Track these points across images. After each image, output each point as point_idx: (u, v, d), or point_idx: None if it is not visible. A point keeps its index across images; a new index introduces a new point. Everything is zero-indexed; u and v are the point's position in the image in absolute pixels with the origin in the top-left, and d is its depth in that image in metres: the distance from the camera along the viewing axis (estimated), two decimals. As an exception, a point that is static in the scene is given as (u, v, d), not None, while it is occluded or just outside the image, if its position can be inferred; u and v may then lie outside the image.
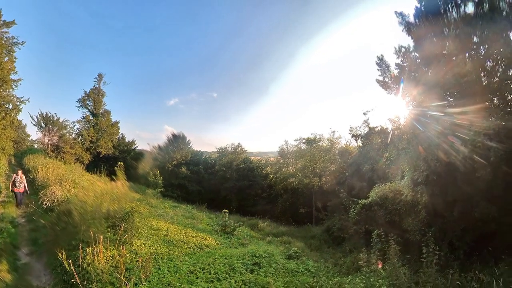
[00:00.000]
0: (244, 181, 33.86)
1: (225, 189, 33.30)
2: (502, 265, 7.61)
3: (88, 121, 38.90)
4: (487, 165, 8.12)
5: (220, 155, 38.05)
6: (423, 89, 10.33)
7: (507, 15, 8.79)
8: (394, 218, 12.78)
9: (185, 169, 34.10)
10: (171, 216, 15.12)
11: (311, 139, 29.63)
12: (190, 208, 21.46)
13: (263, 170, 36.47)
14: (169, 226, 12.83)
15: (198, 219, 17.11)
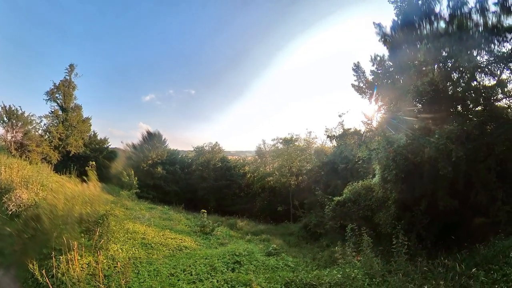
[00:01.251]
0: (222, 180, 33.67)
1: (203, 189, 32.93)
2: (464, 251, 8.50)
3: (57, 116, 34.80)
4: (450, 164, 8.97)
5: (197, 154, 37.48)
6: (395, 95, 11.26)
7: (473, 35, 9.98)
8: (367, 213, 13.59)
9: (161, 169, 33.03)
10: (147, 218, 14.78)
11: (288, 139, 30.27)
12: (167, 210, 21.04)
13: (241, 170, 36.47)
14: (146, 228, 12.57)
15: (176, 220, 16.88)
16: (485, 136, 9.54)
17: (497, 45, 10.21)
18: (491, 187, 9.28)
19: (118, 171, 27.69)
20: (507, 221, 8.86)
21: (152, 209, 19.67)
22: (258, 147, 35.72)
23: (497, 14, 10.01)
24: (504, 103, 10.56)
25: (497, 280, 6.44)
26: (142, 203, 22.10)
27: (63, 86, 35.23)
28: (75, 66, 36.15)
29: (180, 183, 33.93)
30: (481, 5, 10.14)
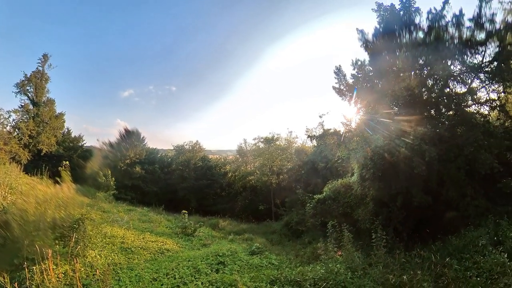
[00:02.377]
0: (203, 180, 33.26)
1: (183, 189, 32.42)
2: (438, 243, 9.17)
3: (27, 111, 31.48)
4: (423, 163, 9.59)
5: (177, 153, 36.89)
6: (374, 98, 11.84)
7: (448, 46, 10.82)
8: (346, 210, 14.05)
9: (139, 168, 32.08)
10: (126, 221, 14.33)
11: (269, 138, 30.58)
12: (147, 211, 20.52)
13: (222, 169, 36.29)
14: (125, 232, 12.17)
15: (156, 222, 16.51)
16: (456, 138, 10.24)
17: (470, 57, 11.06)
18: (461, 184, 9.96)
19: (94, 172, 26.32)
20: (476, 214, 9.56)
21: (131, 211, 19.11)
22: (239, 146, 35.91)
23: (471, 29, 10.85)
24: (473, 109, 11.45)
25: (469, 267, 7.00)
26: (120, 205, 21.36)
27: (35, 77, 31.97)
28: (49, 56, 32.87)
29: (159, 183, 33.23)
30: (457, 20, 10.97)
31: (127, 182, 30.21)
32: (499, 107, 11.29)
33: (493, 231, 8.26)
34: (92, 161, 30.07)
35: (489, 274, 6.50)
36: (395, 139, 10.80)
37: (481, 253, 7.37)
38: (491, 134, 10.49)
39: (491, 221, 8.78)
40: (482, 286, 6.23)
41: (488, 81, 10.98)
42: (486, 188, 10.11)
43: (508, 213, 8.99)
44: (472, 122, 10.50)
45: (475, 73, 10.93)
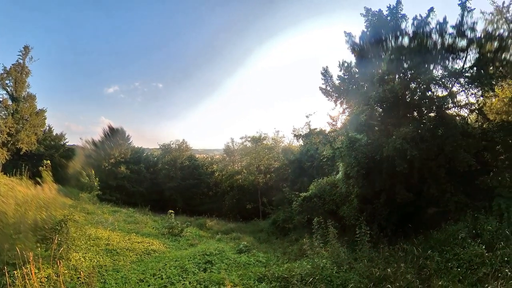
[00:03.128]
0: (189, 179, 32.90)
1: (169, 189, 31.97)
2: (420, 237, 9.54)
3: (6, 107, 29.29)
4: (406, 162, 9.99)
5: (163, 152, 36.23)
6: (359, 99, 12.19)
7: (431, 51, 11.37)
8: (332, 207, 14.39)
9: (124, 168, 31.21)
10: (111, 223, 14.08)
11: (256, 137, 30.58)
12: (132, 212, 20.21)
13: (209, 168, 36.00)
14: (110, 233, 11.99)
15: (142, 223, 16.31)
16: (436, 138, 10.70)
17: (451, 62, 11.63)
18: (441, 182, 10.43)
19: (77, 172, 25.40)
20: (455, 209, 10.06)
21: (115, 212, 18.79)
22: (227, 145, 35.68)
23: (453, 36, 11.36)
24: (453, 111, 12.04)
25: (449, 259, 7.40)
26: (104, 206, 20.88)
27: (14, 71, 29.70)
28: (30, 49, 30.46)
29: (145, 183, 32.56)
30: (440, 27, 11.46)
31: (111, 183, 29.35)
32: (477, 110, 12.06)
33: (472, 225, 8.71)
34: (75, 160, 28.85)
35: (468, 265, 6.90)
36: (378, 138, 11.20)
37: (461, 245, 7.77)
38: (470, 135, 11.09)
39: (469, 216, 9.23)
40: (462, 276, 6.59)
41: (468, 86, 11.61)
42: (464, 185, 10.64)
43: (485, 208, 9.53)
44: (452, 124, 11.02)
45: (455, 77, 11.50)
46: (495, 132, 11.04)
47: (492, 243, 7.44)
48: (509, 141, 10.93)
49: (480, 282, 6.19)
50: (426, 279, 6.75)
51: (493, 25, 12.43)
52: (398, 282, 6.53)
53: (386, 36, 12.14)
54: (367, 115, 11.70)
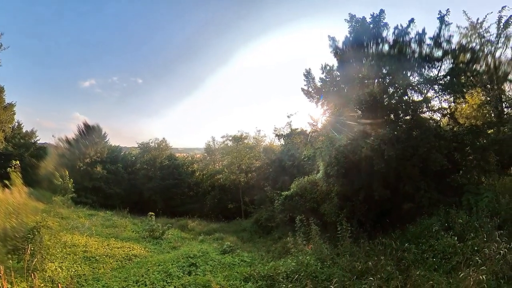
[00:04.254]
0: (170, 179, 32.18)
1: (149, 190, 31.18)
2: (398, 231, 10.21)
3: None
4: (383, 161, 10.55)
5: (142, 151, 35.22)
6: (339, 101, 12.74)
7: (409, 59, 12.20)
8: (313, 205, 14.67)
9: (100, 168, 29.94)
10: (88, 227, 13.59)
11: (237, 136, 30.47)
12: (110, 215, 19.52)
13: (189, 167, 35.40)
14: (88, 239, 11.56)
15: (121, 226, 15.83)
16: (411, 140, 11.35)
17: (427, 70, 12.53)
18: (416, 180, 11.08)
19: (49, 172, 23.95)
20: (429, 205, 10.73)
21: (92, 216, 18.09)
22: (207, 144, 35.21)
23: (431, 46, 12.27)
24: (428, 115, 12.95)
25: (425, 250, 7.92)
26: (80, 209, 20.16)
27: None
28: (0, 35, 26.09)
29: (123, 184, 31.54)
30: (419, 37, 12.32)
31: (87, 184, 28.06)
32: (449, 114, 13.02)
33: (444, 219, 9.33)
34: (47, 160, 26.90)
35: (442, 255, 7.43)
36: (357, 139, 11.67)
37: (435, 237, 8.32)
38: (442, 137, 11.84)
39: (442, 210, 9.88)
40: (437, 265, 7.09)
41: (441, 92, 12.53)
42: (437, 183, 11.39)
43: (456, 203, 10.22)
44: (426, 126, 11.79)
45: (430, 84, 12.34)
46: (464, 135, 11.98)
47: (463, 235, 8.02)
48: (477, 143, 11.92)
49: (453, 270, 6.68)
50: (404, 270, 7.15)
51: (467, 39, 13.87)
52: (379, 274, 6.89)
53: (368, 42, 12.75)
54: (347, 117, 12.27)
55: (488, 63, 14.19)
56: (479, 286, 5.63)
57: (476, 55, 12.95)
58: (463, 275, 6.09)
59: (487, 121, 13.66)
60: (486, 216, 8.65)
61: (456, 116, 13.29)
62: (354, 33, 13.04)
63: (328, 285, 6.62)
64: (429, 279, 6.21)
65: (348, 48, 13.19)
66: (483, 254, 6.76)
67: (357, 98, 11.74)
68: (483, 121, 13.69)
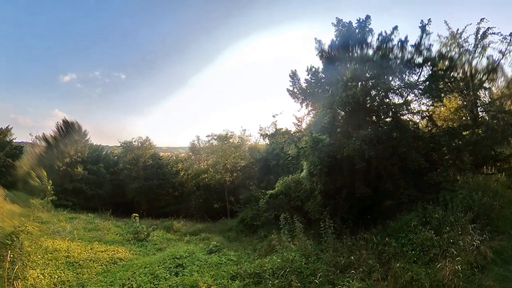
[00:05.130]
0: (153, 179, 31.61)
1: (132, 191, 30.43)
2: (379, 226, 10.70)
3: None
4: (364, 161, 10.98)
5: (124, 150, 34.08)
6: (323, 103, 13.03)
7: (392, 64, 12.80)
8: (297, 203, 15.04)
9: (81, 169, 28.67)
10: (69, 231, 13.24)
11: (223, 135, 30.33)
12: (92, 218, 19.04)
13: (174, 167, 34.83)
14: (70, 244, 11.28)
15: (104, 229, 15.50)
16: (391, 140, 11.87)
17: (408, 75, 13.11)
18: (395, 178, 11.57)
19: (26, 173, 22.88)
20: (408, 201, 11.26)
21: (73, 219, 17.55)
22: (192, 143, 34.63)
23: (412, 53, 12.91)
24: (407, 117, 13.54)
25: (404, 244, 8.35)
26: (60, 213, 19.46)
27: None
28: None
29: (105, 185, 30.50)
30: (401, 44, 12.94)
31: (67, 186, 26.88)
32: (427, 117, 13.71)
33: (422, 214, 9.82)
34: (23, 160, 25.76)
35: (421, 248, 7.89)
36: (340, 139, 12.04)
37: (414, 232, 8.78)
38: (420, 138, 12.48)
39: (420, 206, 10.37)
40: (416, 257, 7.53)
41: (421, 96, 13.11)
42: (415, 180, 11.92)
43: (433, 199, 10.81)
44: (405, 128, 12.37)
45: (411, 88, 12.92)
46: (441, 136, 12.73)
47: (439, 229, 8.51)
48: (453, 144, 12.72)
49: (431, 262, 7.12)
50: (385, 263, 7.57)
51: (447, 48, 15.10)
52: (362, 267, 7.23)
53: (353, 46, 13.22)
54: (330, 118, 12.63)
55: (465, 71, 15.59)
56: (455, 275, 6.08)
57: (454, 63, 13.94)
58: (440, 266, 6.54)
59: (463, 123, 14.55)
60: (461, 211, 9.24)
61: (434, 119, 14.04)
62: (340, 37, 13.43)
63: (313, 280, 6.84)
64: (408, 271, 6.59)
65: (333, 51, 13.57)
66: (458, 246, 7.28)
67: (340, 100, 12.07)
68: (459, 123, 14.56)
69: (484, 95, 16.43)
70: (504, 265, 7.05)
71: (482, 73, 15.59)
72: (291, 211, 13.82)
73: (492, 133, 13.19)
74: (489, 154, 13.76)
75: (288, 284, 6.64)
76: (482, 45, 15.07)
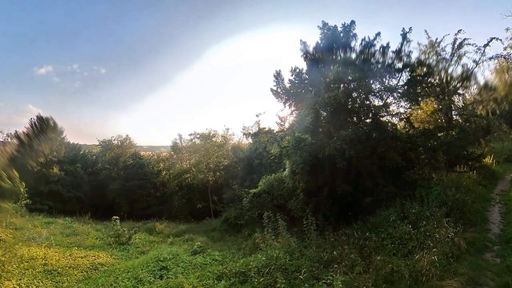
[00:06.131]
0: (134, 180, 30.83)
1: (112, 192, 29.56)
2: (359, 222, 11.10)
3: None
4: (344, 160, 11.39)
5: (103, 149, 33.03)
6: (306, 103, 13.37)
7: (373, 69, 13.38)
8: (280, 202, 15.29)
9: (57, 169, 27.13)
10: (46, 237, 12.67)
11: (205, 134, 30.05)
12: (70, 222, 18.24)
13: (155, 167, 34.21)
14: (47, 251, 10.77)
15: (83, 234, 14.95)
16: (371, 141, 12.36)
17: (388, 79, 13.87)
18: (375, 176, 12.08)
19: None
20: (387, 198, 11.82)
21: (50, 224, 16.77)
22: (174, 142, 34.15)
23: (393, 58, 13.60)
24: (386, 119, 14.27)
25: (384, 238, 8.75)
26: (35, 217, 18.51)
27: None
28: None
29: (83, 186, 29.31)
30: (383, 50, 13.55)
31: (42, 188, 25.49)
32: (405, 119, 14.54)
33: (400, 210, 10.34)
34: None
35: (400, 241, 8.31)
36: (322, 139, 12.42)
37: (392, 226, 9.24)
38: (398, 138, 13.18)
39: (398, 203, 10.92)
40: (396, 250, 7.95)
41: (399, 99, 13.96)
42: (394, 178, 12.56)
43: (410, 196, 11.48)
44: (384, 129, 12.92)
45: (390, 92, 13.65)
46: (418, 137, 13.64)
47: (416, 223, 9.02)
48: (429, 144, 13.59)
49: (410, 253, 7.54)
50: (367, 256, 7.89)
51: (425, 55, 16.52)
52: (344, 261, 7.50)
53: (337, 49, 13.72)
54: (312, 118, 12.98)
55: (442, 77, 17.26)
56: (432, 265, 6.51)
57: (432, 69, 15.12)
58: (418, 257, 6.95)
59: (438, 125, 15.78)
60: (436, 206, 9.91)
61: (411, 121, 14.98)
62: (325, 40, 13.85)
63: (298, 276, 7.00)
64: (389, 263, 6.95)
65: (318, 53, 13.98)
66: (434, 238, 7.79)
67: (322, 101, 12.41)
68: (435, 125, 15.78)
69: (458, 100, 18.31)
70: (477, 254, 7.63)
71: (457, 80, 17.46)
72: (274, 209, 14.00)
73: (464, 134, 14.51)
74: (462, 154, 14.97)
75: (274, 281, 6.73)
76: (458, 54, 16.87)
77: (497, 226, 9.79)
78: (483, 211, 11.12)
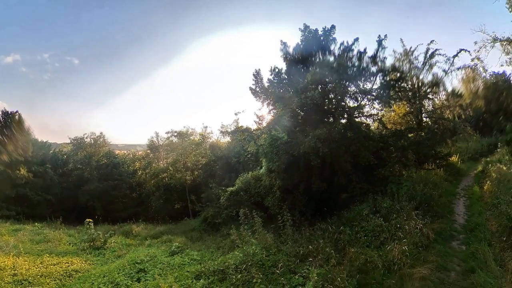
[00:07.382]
0: (108, 180, 29.81)
1: (85, 194, 28.39)
2: (334, 217, 11.63)
3: None
4: (319, 157, 11.84)
5: (75, 148, 31.69)
6: (284, 102, 13.66)
7: (349, 72, 14.05)
8: (257, 199, 15.50)
9: (24, 170, 25.41)
10: (14, 246, 12.00)
11: (183, 132, 29.59)
12: (40, 228, 17.30)
13: (131, 166, 33.29)
14: (16, 260, 10.17)
15: (55, 240, 14.24)
16: (345, 139, 12.86)
17: (363, 82, 14.53)
18: (348, 173, 12.60)
19: None
20: (360, 194, 12.41)
21: (18, 231, 15.83)
22: (150, 140, 32.96)
23: (368, 63, 14.35)
24: (360, 119, 14.99)
25: (358, 231, 9.24)
26: (1, 225, 17.45)
27: None
28: None
29: (53, 189, 27.84)
30: (360, 55, 14.25)
31: (8, 192, 23.89)
32: (378, 120, 15.52)
33: (372, 204, 10.94)
34: None
35: (372, 234, 8.84)
36: (297, 137, 12.67)
37: (365, 220, 9.76)
38: (371, 138, 13.83)
39: (371, 198, 11.50)
40: (369, 242, 8.45)
41: (373, 101, 14.78)
42: (366, 175, 13.20)
43: (382, 191, 12.15)
44: (358, 129, 13.44)
45: (365, 94, 14.36)
46: (389, 137, 14.70)
47: (387, 216, 9.62)
48: (399, 144, 14.59)
49: (382, 245, 8.06)
50: (341, 249, 8.36)
51: (400, 62, 17.83)
52: (320, 255, 7.81)
53: (316, 52, 14.30)
54: (289, 117, 13.27)
55: (414, 83, 18.77)
56: (403, 255, 7.07)
57: (405, 75, 16.32)
58: (390, 248, 7.51)
59: (409, 127, 17.12)
60: (406, 200, 10.64)
61: (384, 122, 16.08)
62: (305, 42, 14.35)
63: (275, 271, 7.18)
64: (362, 254, 7.41)
65: (298, 54, 14.46)
66: (404, 230, 8.39)
67: (299, 101, 12.80)
68: (406, 126, 17.05)
69: (428, 104, 20.20)
70: (444, 243, 8.38)
71: (427, 86, 19.37)
72: (251, 207, 14.14)
73: (433, 135, 15.86)
74: (430, 153, 16.24)
75: (251, 277, 6.87)
76: (429, 63, 18.41)
77: (462, 217, 10.76)
78: (449, 204, 12.11)
